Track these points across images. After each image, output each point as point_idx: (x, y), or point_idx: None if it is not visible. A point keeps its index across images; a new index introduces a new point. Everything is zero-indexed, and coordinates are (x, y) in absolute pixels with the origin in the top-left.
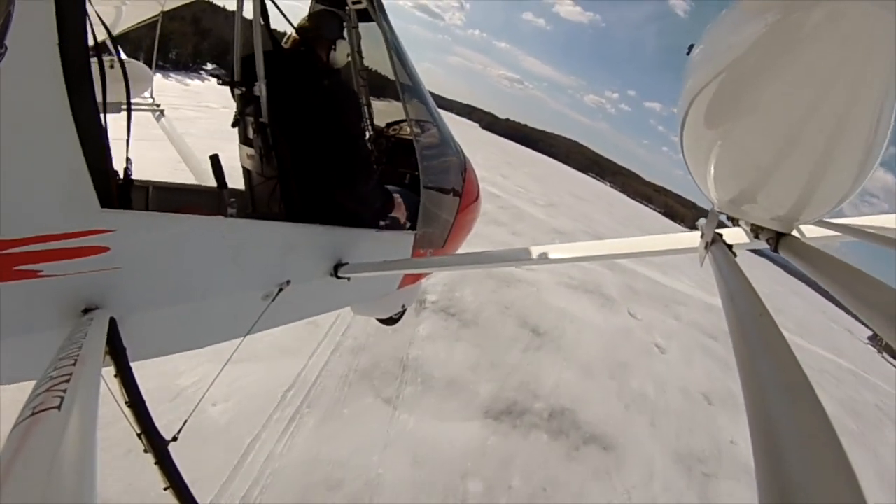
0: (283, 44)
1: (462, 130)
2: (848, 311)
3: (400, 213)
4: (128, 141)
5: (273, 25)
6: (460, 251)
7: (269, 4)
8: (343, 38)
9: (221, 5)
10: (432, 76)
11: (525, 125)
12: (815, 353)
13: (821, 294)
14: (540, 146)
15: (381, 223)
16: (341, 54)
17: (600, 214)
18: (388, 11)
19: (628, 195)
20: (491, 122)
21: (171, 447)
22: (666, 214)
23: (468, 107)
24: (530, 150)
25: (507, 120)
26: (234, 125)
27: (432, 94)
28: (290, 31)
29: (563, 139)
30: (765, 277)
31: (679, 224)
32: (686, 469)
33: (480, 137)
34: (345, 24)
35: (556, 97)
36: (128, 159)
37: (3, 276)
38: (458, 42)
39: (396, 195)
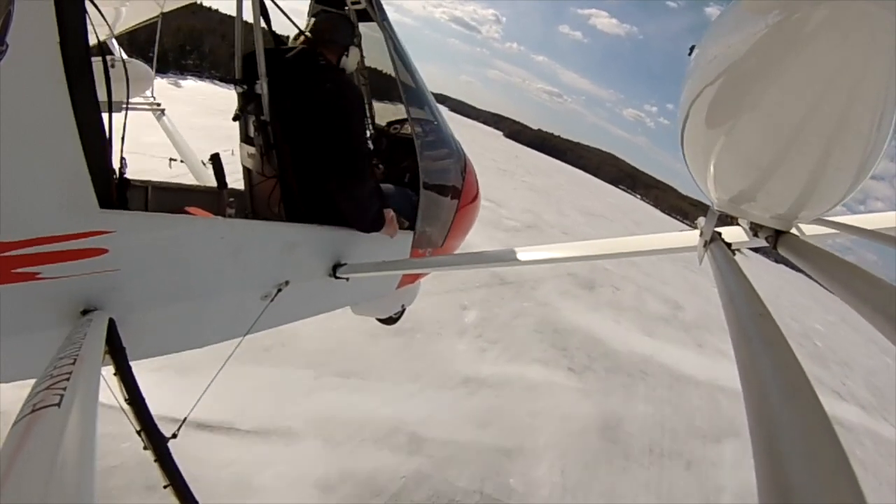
0: (289, 43)
1: (477, 138)
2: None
3: (398, 213)
4: (123, 140)
5: (272, 25)
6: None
7: (268, 4)
8: (355, 44)
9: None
10: (471, 89)
11: (556, 136)
12: None
13: None
14: (568, 157)
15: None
16: (352, 60)
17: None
18: (422, 21)
19: (661, 210)
20: (517, 132)
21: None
22: None
23: (496, 116)
24: (555, 160)
25: (538, 130)
26: (234, 119)
27: (461, 104)
28: (292, 31)
29: (596, 151)
30: (815, 307)
31: None
32: None
33: (492, 145)
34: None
35: (594, 111)
36: (125, 159)
37: (1, 278)
38: (496, 55)
39: (395, 195)
